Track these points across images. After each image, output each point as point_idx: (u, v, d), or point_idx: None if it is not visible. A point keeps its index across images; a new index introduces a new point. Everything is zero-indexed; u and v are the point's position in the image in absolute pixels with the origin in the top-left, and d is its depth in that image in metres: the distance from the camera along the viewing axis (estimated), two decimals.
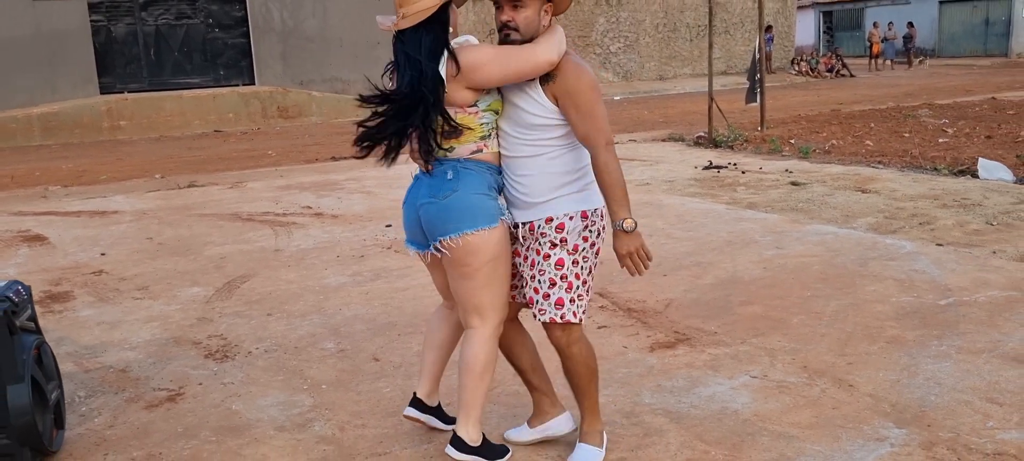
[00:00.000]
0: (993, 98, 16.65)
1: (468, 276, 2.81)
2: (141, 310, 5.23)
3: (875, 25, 32.18)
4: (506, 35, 2.75)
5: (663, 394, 3.65)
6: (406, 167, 2.92)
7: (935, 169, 8.99)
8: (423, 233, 2.87)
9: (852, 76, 27.54)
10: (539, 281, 2.85)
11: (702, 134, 12.46)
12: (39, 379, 3.20)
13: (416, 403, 3.26)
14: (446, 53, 2.71)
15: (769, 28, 26.60)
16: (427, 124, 2.70)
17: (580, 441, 3.09)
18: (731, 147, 11.51)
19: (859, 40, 39.19)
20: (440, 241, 2.79)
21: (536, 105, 2.77)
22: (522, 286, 2.97)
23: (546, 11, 2.78)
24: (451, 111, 2.75)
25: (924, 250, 5.71)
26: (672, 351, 4.13)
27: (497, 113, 2.84)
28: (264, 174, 11.02)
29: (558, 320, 2.85)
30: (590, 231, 2.87)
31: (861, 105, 17.21)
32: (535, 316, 2.90)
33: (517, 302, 3.04)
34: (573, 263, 2.83)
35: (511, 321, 3.07)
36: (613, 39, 26.21)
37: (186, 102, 18.15)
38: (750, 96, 13.42)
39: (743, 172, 9.37)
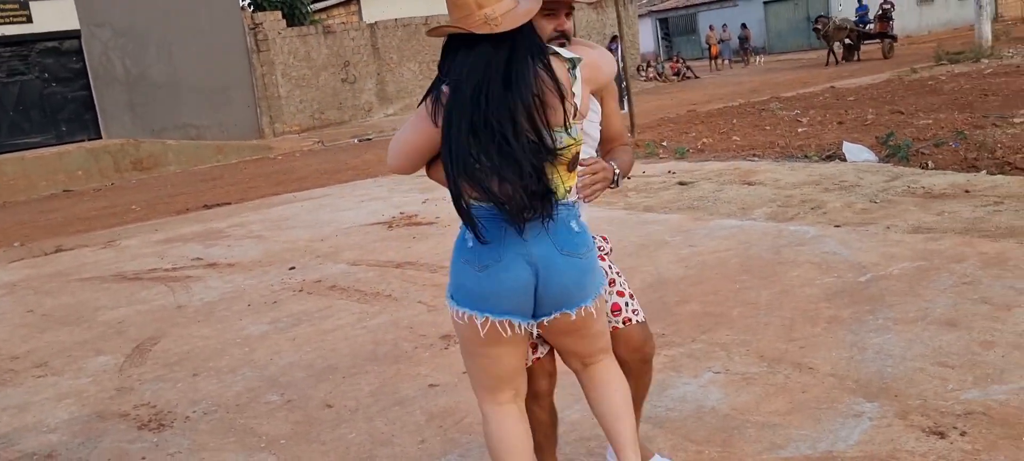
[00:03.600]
0: (832, 87, 17.79)
1: (598, 333, 2.45)
2: (48, 388, 4.80)
3: (711, 28, 33.86)
4: (561, 44, 2.41)
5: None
6: (291, 204, 2.76)
7: (806, 156, 9.50)
8: (533, 300, 2.28)
9: (697, 78, 28.84)
10: (620, 284, 2.69)
11: None
12: None
13: None
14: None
15: (615, 38, 27.41)
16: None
17: (658, 454, 2.96)
18: None
19: (695, 43, 41.09)
20: (578, 310, 2.31)
21: (594, 113, 2.62)
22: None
23: (567, 14, 2.60)
24: (575, 134, 2.24)
25: (826, 233, 6.00)
26: None
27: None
28: (135, 230, 10.40)
29: (644, 320, 2.71)
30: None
31: (714, 104, 18.02)
32: (626, 322, 2.65)
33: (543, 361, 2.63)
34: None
35: (544, 396, 2.69)
36: None
37: (29, 163, 16.95)
38: (619, 104, 13.77)
39: (628, 177, 9.59)
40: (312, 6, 26.17)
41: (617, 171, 2.50)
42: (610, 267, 2.70)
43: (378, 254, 7.14)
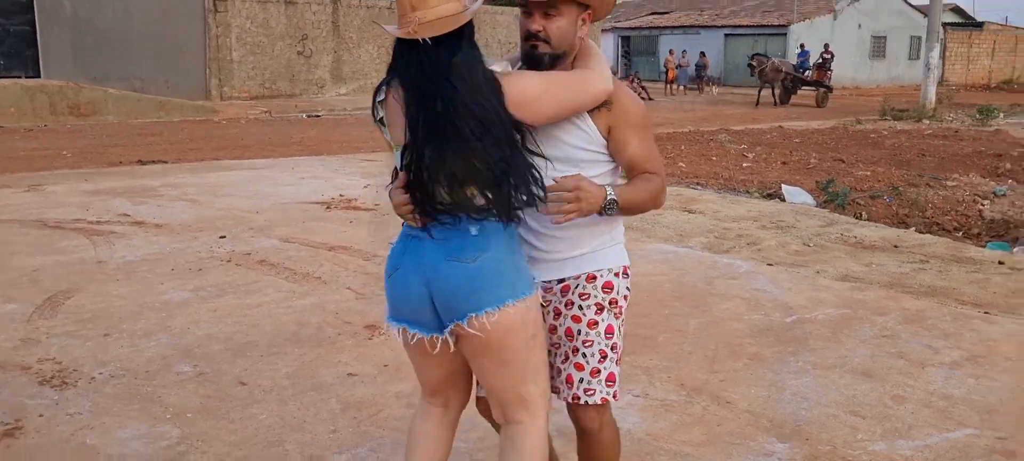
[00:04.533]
0: (780, 127, 18.13)
1: (508, 362, 2.20)
2: None
3: (671, 52, 34.24)
4: (532, 47, 2.24)
5: (553, 417, 3.64)
6: (230, 172, 2.67)
7: (747, 192, 9.65)
8: (433, 310, 2.20)
9: (651, 99, 29.07)
10: (585, 355, 2.33)
11: None
12: None
13: None
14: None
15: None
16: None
17: None
18: None
19: (654, 65, 41.52)
20: (470, 319, 2.14)
21: (583, 136, 2.29)
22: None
23: (584, 21, 2.31)
24: None
25: (759, 270, 6.09)
26: None
27: None
28: (64, 177, 10.06)
29: (610, 400, 2.36)
30: (628, 289, 2.45)
31: (664, 128, 18.17)
32: (574, 399, 2.36)
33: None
34: (619, 330, 2.40)
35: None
36: None
37: None
38: None
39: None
40: None
41: (609, 196, 2.19)
42: (591, 328, 2.35)
43: (312, 234, 7.02)
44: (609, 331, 2.35)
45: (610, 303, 2.36)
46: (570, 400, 2.38)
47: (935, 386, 3.97)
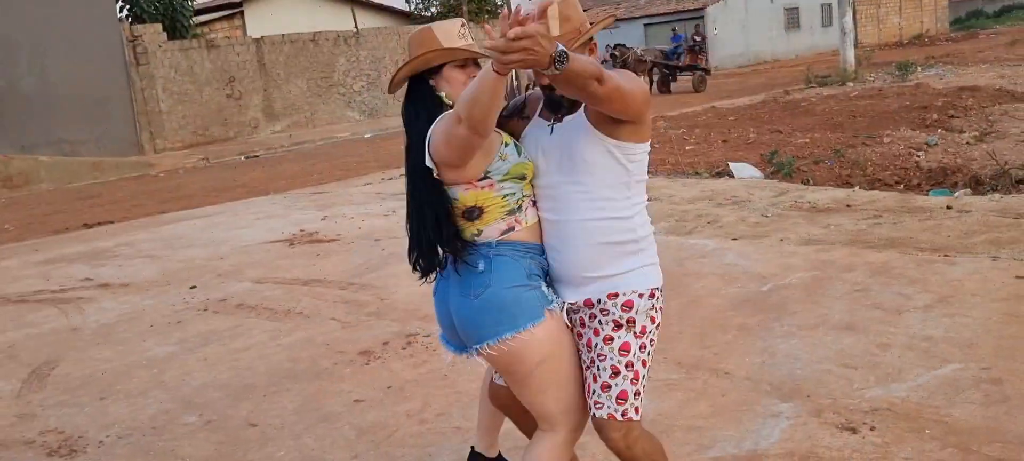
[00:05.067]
0: (713, 107, 18.55)
1: (522, 382, 2.37)
2: None
3: (601, 47, 34.62)
4: (551, 89, 2.32)
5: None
6: (181, 222, 2.74)
7: (697, 173, 9.90)
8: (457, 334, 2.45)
9: None
10: (599, 368, 2.35)
11: None
12: None
13: (475, 457, 2.98)
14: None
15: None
16: (429, 222, 2.37)
17: None
18: None
19: None
20: (480, 348, 2.33)
21: (590, 137, 2.30)
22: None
23: (591, 49, 2.34)
24: (459, 191, 2.33)
25: (725, 245, 6.29)
26: None
27: (524, 177, 2.36)
28: (12, 251, 9.84)
29: (619, 417, 2.34)
30: (656, 311, 2.41)
31: None
32: (589, 410, 2.42)
33: None
34: (640, 348, 2.36)
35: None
36: (355, 78, 26.17)
37: None
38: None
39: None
40: (194, 19, 25.38)
41: (560, 47, 1.94)
42: (641, 348, 2.37)
43: (283, 272, 7.02)
44: (624, 348, 2.34)
45: (628, 322, 2.34)
46: (589, 411, 2.42)
47: (914, 329, 4.19)
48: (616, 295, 2.34)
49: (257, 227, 9.40)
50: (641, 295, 2.35)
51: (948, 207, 6.72)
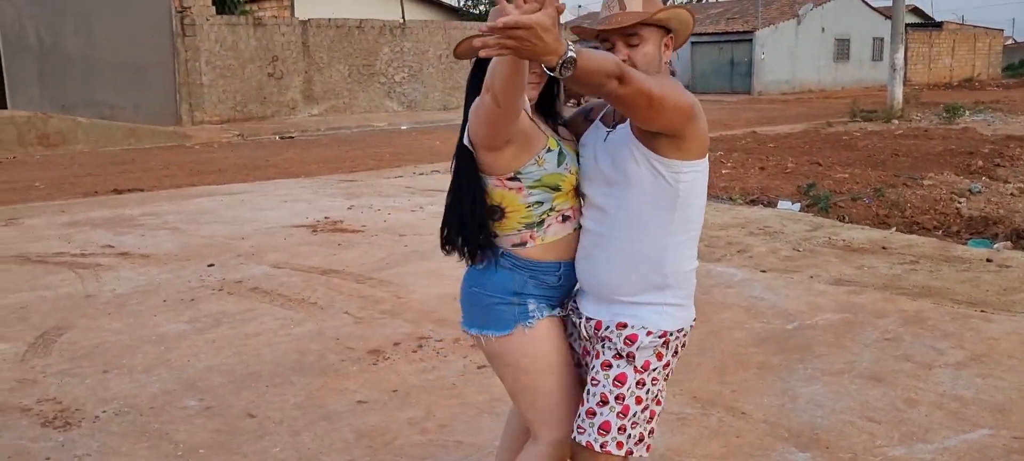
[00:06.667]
0: (754, 132, 18.30)
1: (504, 381, 2.43)
2: None
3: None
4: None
5: None
6: (209, 198, 2.64)
7: (731, 199, 9.70)
8: None
9: None
10: (589, 392, 2.25)
11: None
12: None
13: None
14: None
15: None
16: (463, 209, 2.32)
17: None
18: None
19: None
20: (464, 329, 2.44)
21: (632, 148, 2.16)
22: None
23: (666, 45, 2.23)
24: (490, 184, 2.27)
25: (753, 277, 6.11)
26: None
27: (558, 189, 2.25)
28: (39, 209, 9.89)
29: (596, 448, 2.21)
30: (667, 349, 2.25)
31: None
32: (578, 431, 2.28)
33: None
34: (638, 384, 2.22)
35: None
36: (397, 69, 26.19)
37: None
38: None
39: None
40: None
41: (570, 54, 1.77)
42: (639, 384, 2.22)
43: (302, 259, 6.95)
44: (619, 379, 2.20)
45: (628, 356, 2.21)
46: (574, 432, 2.29)
47: (944, 387, 4.00)
48: (624, 325, 2.22)
49: (282, 210, 9.35)
50: (649, 332, 2.21)
51: (988, 260, 6.48)
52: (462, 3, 35.32)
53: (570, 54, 1.76)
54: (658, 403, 2.28)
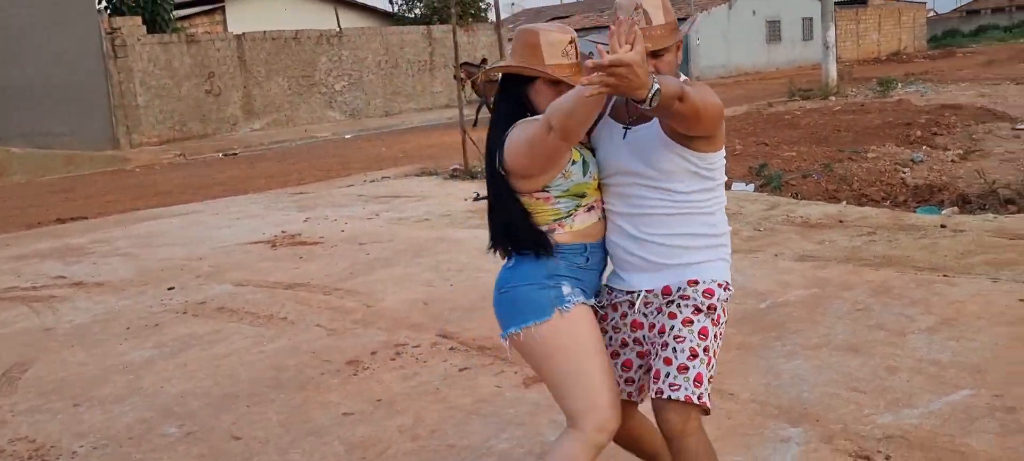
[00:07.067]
0: None
1: (539, 373, 2.50)
2: None
3: (589, 54, 34.61)
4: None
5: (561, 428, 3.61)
6: (158, 220, 2.59)
7: None
8: None
9: None
10: (675, 349, 2.33)
11: (457, 167, 12.63)
12: None
13: None
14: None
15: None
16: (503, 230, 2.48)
17: None
18: None
19: None
20: (503, 338, 2.49)
21: (668, 149, 2.38)
22: (630, 373, 2.53)
23: (677, 46, 2.43)
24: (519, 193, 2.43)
25: None
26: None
27: (583, 196, 2.44)
28: None
29: (694, 400, 2.29)
30: (728, 305, 2.49)
31: None
32: (658, 394, 2.32)
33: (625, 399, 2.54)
34: (715, 337, 2.40)
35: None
36: (337, 78, 25.91)
37: None
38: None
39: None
40: (174, 13, 25.00)
41: (656, 86, 1.97)
42: (716, 337, 2.40)
43: (265, 274, 6.83)
44: (703, 332, 2.36)
45: (708, 308, 2.39)
46: (655, 395, 2.35)
47: (921, 353, 4.09)
48: (697, 282, 2.39)
49: (237, 227, 9.18)
50: (720, 284, 2.41)
51: (942, 226, 6.65)
52: (397, 8, 35.08)
53: (656, 87, 1.97)
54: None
